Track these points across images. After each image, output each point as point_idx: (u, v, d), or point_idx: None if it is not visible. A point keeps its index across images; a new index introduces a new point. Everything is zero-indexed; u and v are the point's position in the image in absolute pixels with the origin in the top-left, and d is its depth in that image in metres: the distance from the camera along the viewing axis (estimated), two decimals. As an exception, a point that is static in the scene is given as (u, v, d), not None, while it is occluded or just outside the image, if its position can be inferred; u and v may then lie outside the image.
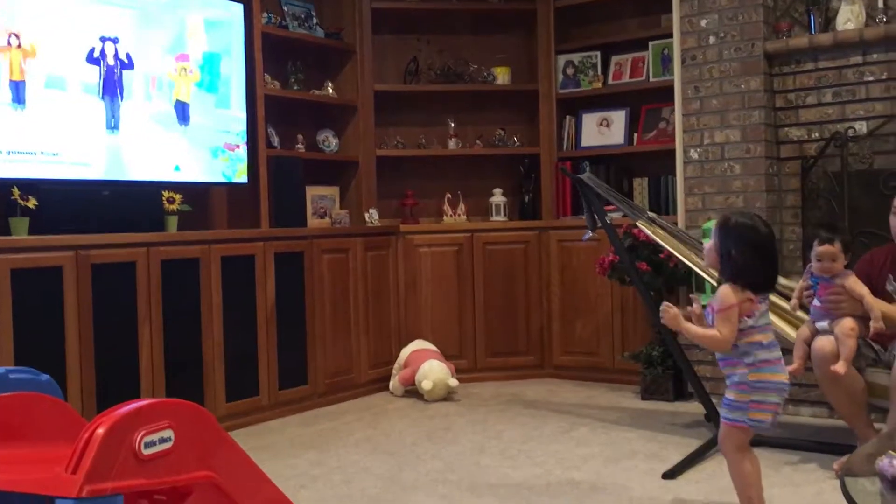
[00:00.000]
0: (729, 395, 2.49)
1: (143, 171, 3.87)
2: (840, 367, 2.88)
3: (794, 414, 3.90)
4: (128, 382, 3.51)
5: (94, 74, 3.65)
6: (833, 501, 2.64)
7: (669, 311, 2.51)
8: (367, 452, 3.51)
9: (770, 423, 2.47)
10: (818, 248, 2.97)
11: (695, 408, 4.02)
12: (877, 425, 3.12)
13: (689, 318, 2.59)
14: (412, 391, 4.55)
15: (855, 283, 2.95)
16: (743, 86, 4.14)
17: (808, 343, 3.06)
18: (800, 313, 3.28)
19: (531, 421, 3.98)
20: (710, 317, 2.50)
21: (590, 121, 5.21)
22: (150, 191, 3.92)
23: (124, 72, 3.75)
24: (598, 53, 5.15)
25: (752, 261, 2.42)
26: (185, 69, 4.01)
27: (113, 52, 3.71)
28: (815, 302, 3.03)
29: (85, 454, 1.28)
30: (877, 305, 2.91)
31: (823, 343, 3.01)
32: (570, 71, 5.22)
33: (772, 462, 3.14)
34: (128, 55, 3.77)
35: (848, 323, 2.93)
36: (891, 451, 1.82)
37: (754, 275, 2.43)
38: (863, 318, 2.96)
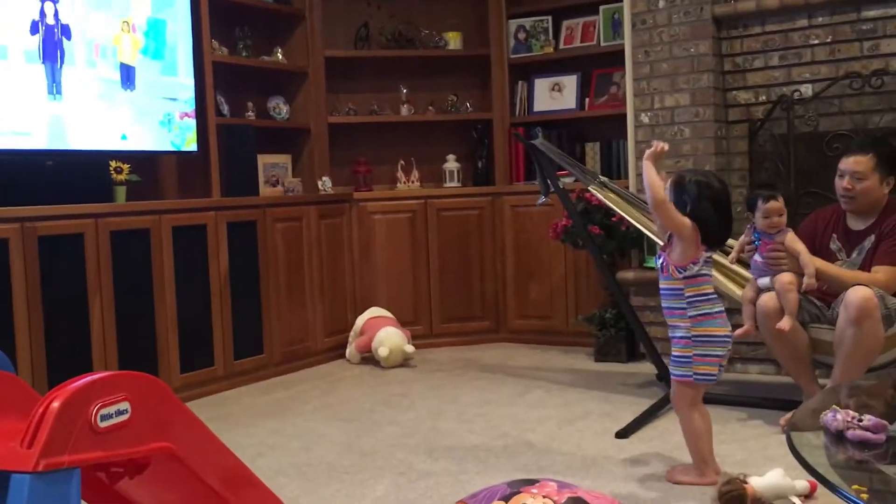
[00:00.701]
0: (675, 350, 2.58)
1: (89, 141, 3.78)
2: (785, 322, 2.97)
3: (742, 372, 4.00)
4: (79, 356, 3.47)
5: (33, 38, 3.54)
6: (779, 455, 2.72)
7: (658, 146, 2.55)
8: (325, 420, 3.52)
9: (716, 375, 2.55)
10: (765, 206, 3.04)
11: (647, 368, 4.10)
12: (822, 381, 3.21)
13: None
14: (368, 358, 4.57)
15: (793, 240, 3.04)
16: (692, 50, 4.18)
17: (754, 303, 3.13)
18: (737, 267, 3.36)
19: (487, 385, 4.02)
20: (659, 260, 2.57)
21: (542, 86, 5.22)
22: (96, 161, 3.84)
23: (64, 39, 3.65)
24: (550, 18, 5.15)
25: (707, 214, 2.50)
26: (129, 23, 3.90)
27: (53, 13, 3.60)
28: (756, 257, 3.11)
29: (40, 428, 1.27)
30: (811, 262, 2.99)
31: (767, 300, 3.09)
32: (521, 36, 5.21)
33: (720, 418, 3.22)
34: (67, 23, 3.66)
35: (786, 277, 3.01)
36: (834, 406, 1.89)
37: (709, 228, 2.50)
38: (802, 274, 3.05)
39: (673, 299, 2.57)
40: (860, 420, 1.81)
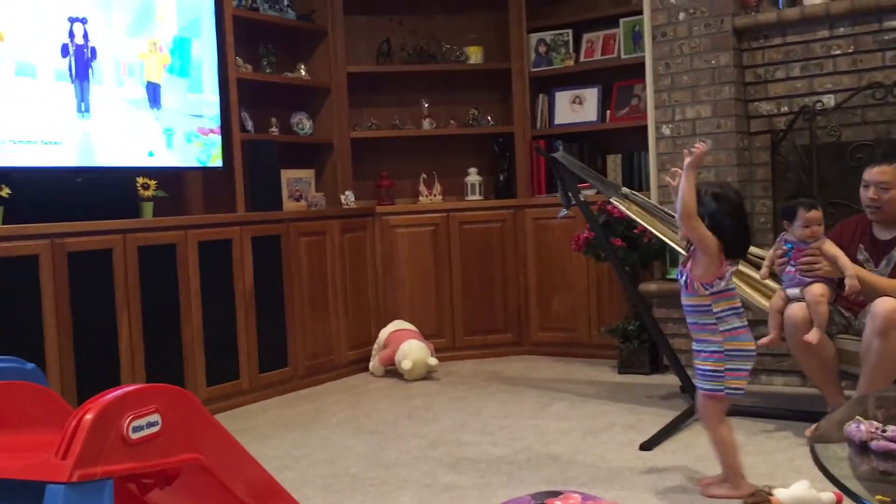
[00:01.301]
0: (704, 364, 2.56)
1: (117, 158, 3.85)
2: (813, 335, 2.95)
3: (767, 383, 3.98)
4: (108, 369, 3.52)
5: (64, 58, 3.61)
6: (805, 468, 2.71)
7: (701, 149, 2.51)
8: (350, 432, 3.54)
9: (744, 391, 2.56)
10: (807, 215, 3.03)
11: (670, 380, 4.09)
12: (848, 392, 3.19)
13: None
14: (392, 371, 4.59)
15: (830, 246, 3.03)
16: (713, 61, 4.18)
17: (782, 313, 3.12)
18: (769, 282, 3.35)
19: (510, 397, 4.03)
20: (682, 278, 2.57)
21: (563, 99, 5.24)
22: (124, 177, 3.91)
23: (92, 57, 3.72)
24: (570, 31, 5.17)
25: (725, 227, 2.50)
26: (156, 44, 3.97)
27: (82, 33, 3.67)
28: (789, 268, 3.09)
29: (74, 439, 1.30)
30: (851, 265, 2.98)
31: (796, 311, 3.08)
32: (542, 49, 5.24)
33: (746, 430, 3.21)
34: (95, 44, 3.73)
35: (817, 289, 3.00)
36: (858, 417, 1.88)
37: (727, 240, 2.51)
38: (833, 283, 3.03)
39: (701, 315, 2.57)
40: (884, 431, 1.80)
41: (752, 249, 3.55)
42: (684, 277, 2.58)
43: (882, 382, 2.88)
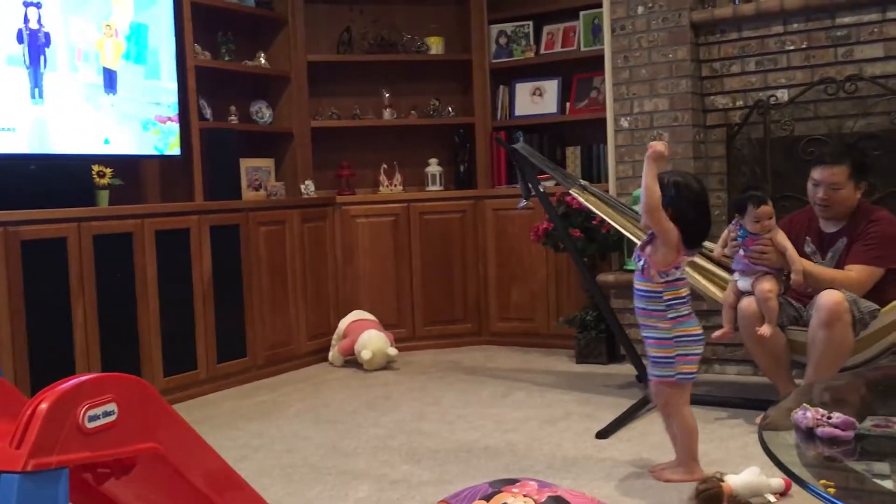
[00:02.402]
0: (655, 352, 2.61)
1: (72, 145, 3.79)
2: (765, 329, 3.02)
3: (720, 372, 4.05)
4: (62, 360, 3.47)
5: (20, 44, 3.55)
6: (757, 454, 2.75)
7: (659, 146, 2.55)
8: (308, 422, 3.54)
9: (696, 373, 2.61)
10: (756, 210, 3.06)
11: (627, 370, 4.15)
12: (798, 381, 3.27)
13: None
14: (351, 361, 4.59)
15: (782, 238, 3.07)
16: (671, 55, 4.23)
17: (735, 308, 3.17)
18: (717, 269, 3.40)
19: (469, 387, 4.06)
20: (639, 261, 2.60)
21: (523, 90, 5.27)
22: (79, 165, 3.85)
23: (46, 42, 3.65)
24: (531, 23, 5.20)
25: (686, 215, 2.54)
26: (111, 27, 3.91)
27: (36, 18, 3.61)
28: (741, 252, 3.13)
29: (29, 429, 1.29)
30: (798, 259, 3.05)
31: (749, 304, 3.14)
32: (502, 41, 5.26)
33: (699, 418, 3.23)
34: (48, 33, 3.67)
35: (765, 285, 3.06)
36: (805, 404, 1.93)
37: (688, 228, 2.54)
38: (781, 276, 3.10)
39: (650, 301, 2.61)
40: (829, 418, 1.86)
41: (706, 243, 3.62)
42: (641, 262, 2.61)
43: (827, 372, 2.96)
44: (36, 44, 3.62)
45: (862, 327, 2.99)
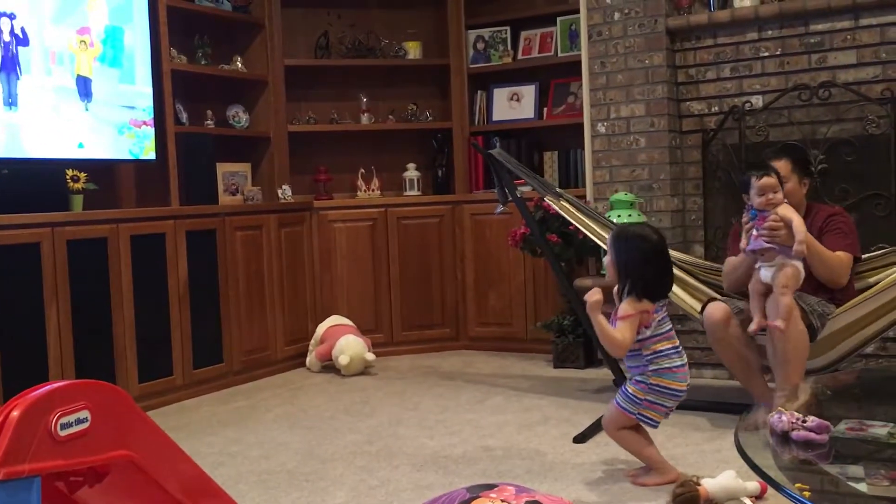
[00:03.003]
0: (629, 387, 2.65)
1: (45, 149, 3.75)
2: (780, 323, 2.90)
3: (696, 376, 4.07)
4: (35, 366, 3.43)
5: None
6: (732, 458, 2.77)
7: (594, 297, 2.57)
8: (285, 428, 3.52)
9: (658, 423, 2.63)
10: (758, 183, 2.96)
11: (604, 374, 4.16)
12: (771, 384, 3.29)
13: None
14: (329, 367, 4.58)
15: (787, 210, 2.97)
16: (647, 61, 4.26)
17: (763, 295, 3.04)
18: (697, 283, 3.41)
19: (447, 392, 4.06)
20: (614, 324, 2.62)
21: (500, 95, 5.28)
22: (52, 169, 3.81)
23: (20, 47, 3.61)
24: (508, 29, 5.21)
25: (645, 270, 2.58)
26: (86, 42, 3.89)
27: (9, 29, 3.57)
28: (754, 232, 3.02)
29: (0, 437, 1.27)
30: (803, 229, 2.93)
31: (714, 310, 3.15)
32: (480, 46, 5.27)
33: (675, 423, 3.28)
34: (23, 30, 3.63)
35: (782, 280, 2.94)
36: (780, 408, 1.95)
37: (648, 283, 2.58)
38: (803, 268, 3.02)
39: (633, 359, 2.64)
40: (804, 421, 1.87)
41: (684, 257, 3.64)
42: (614, 324, 2.62)
43: (794, 370, 2.97)
44: (9, 48, 3.58)
45: (820, 324, 3.02)
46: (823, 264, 3.09)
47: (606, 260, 2.67)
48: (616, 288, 2.66)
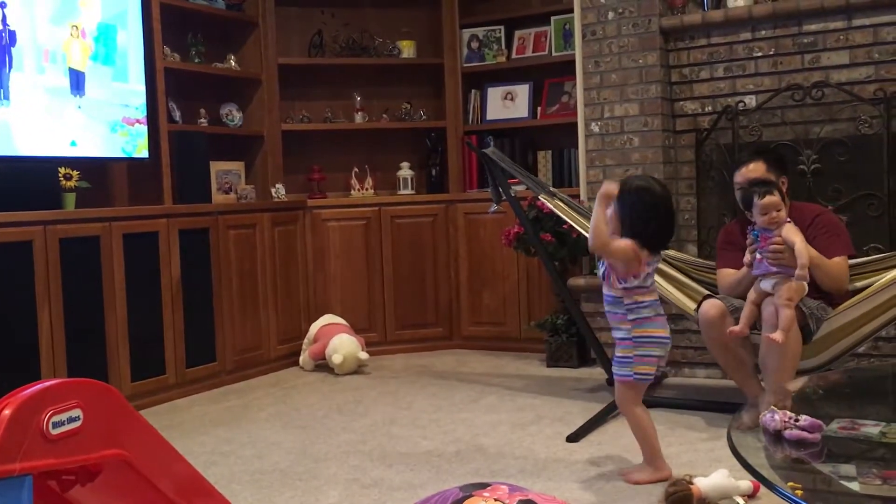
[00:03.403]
0: (617, 352, 2.68)
1: (38, 147, 3.74)
2: (777, 335, 2.90)
3: (689, 375, 4.09)
4: (27, 365, 3.42)
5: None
6: (725, 457, 2.78)
7: (609, 186, 2.59)
8: (278, 427, 3.52)
9: (654, 375, 2.64)
10: (761, 202, 2.94)
11: (597, 373, 4.17)
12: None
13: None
14: (322, 366, 4.57)
15: (789, 232, 2.94)
16: (641, 61, 4.26)
17: (757, 305, 3.05)
18: (690, 282, 3.43)
19: (441, 391, 4.05)
20: (601, 268, 2.66)
21: (494, 94, 5.28)
22: (45, 167, 3.80)
23: (11, 43, 3.60)
24: (502, 28, 5.21)
25: (648, 219, 2.56)
26: (78, 28, 3.87)
27: (1, 18, 3.55)
28: (758, 254, 3.01)
29: (-8, 435, 1.27)
30: (805, 253, 2.90)
31: (708, 308, 3.16)
32: (474, 45, 5.27)
33: (668, 421, 3.29)
34: (13, 33, 3.61)
35: (785, 294, 2.93)
36: (773, 406, 1.95)
37: (650, 232, 2.57)
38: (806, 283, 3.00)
39: (613, 305, 2.67)
40: (797, 420, 1.88)
41: (678, 255, 3.65)
42: (602, 269, 2.68)
43: (787, 373, 2.98)
44: (0, 44, 3.56)
45: (815, 326, 3.03)
46: (828, 276, 3.09)
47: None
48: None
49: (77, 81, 3.89)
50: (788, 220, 2.99)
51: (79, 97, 3.89)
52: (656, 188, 2.62)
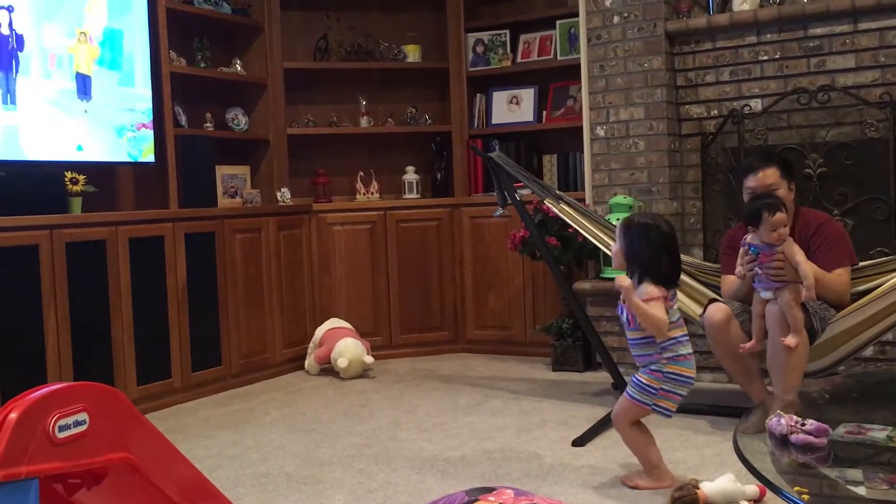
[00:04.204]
0: (642, 377, 2.62)
1: (44, 151, 3.75)
2: (790, 340, 2.90)
3: (695, 380, 4.06)
4: (34, 369, 3.42)
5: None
6: (731, 462, 2.78)
7: (626, 281, 2.55)
8: (284, 431, 3.52)
9: (672, 413, 2.62)
10: (773, 218, 2.90)
11: (603, 377, 4.16)
12: (770, 388, 3.29)
13: None
14: (328, 369, 4.57)
15: (793, 249, 2.93)
16: (646, 64, 4.26)
17: (762, 317, 3.04)
18: (698, 286, 3.42)
19: (446, 395, 4.05)
20: (624, 315, 2.62)
21: (500, 99, 5.28)
22: (51, 171, 3.81)
23: (18, 47, 3.61)
24: (507, 32, 5.21)
25: (657, 256, 2.56)
26: (85, 43, 3.89)
27: (7, 22, 3.56)
28: (758, 269, 2.99)
29: (-2, 439, 1.27)
30: (811, 273, 2.92)
31: (715, 311, 3.15)
32: (479, 49, 5.27)
33: (674, 425, 3.28)
34: (21, 33, 3.63)
35: (788, 296, 2.93)
36: (779, 411, 1.95)
37: (661, 269, 2.56)
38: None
39: (645, 347, 2.61)
40: (803, 425, 1.87)
41: (684, 258, 3.63)
42: (625, 315, 2.62)
43: (795, 376, 2.97)
44: (7, 49, 3.58)
45: (821, 326, 3.02)
46: (829, 290, 3.09)
47: (614, 248, 2.65)
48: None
49: (83, 86, 3.90)
50: (789, 237, 2.97)
51: (85, 102, 3.91)
52: (663, 226, 2.63)
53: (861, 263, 3.24)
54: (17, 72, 3.61)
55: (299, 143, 5.14)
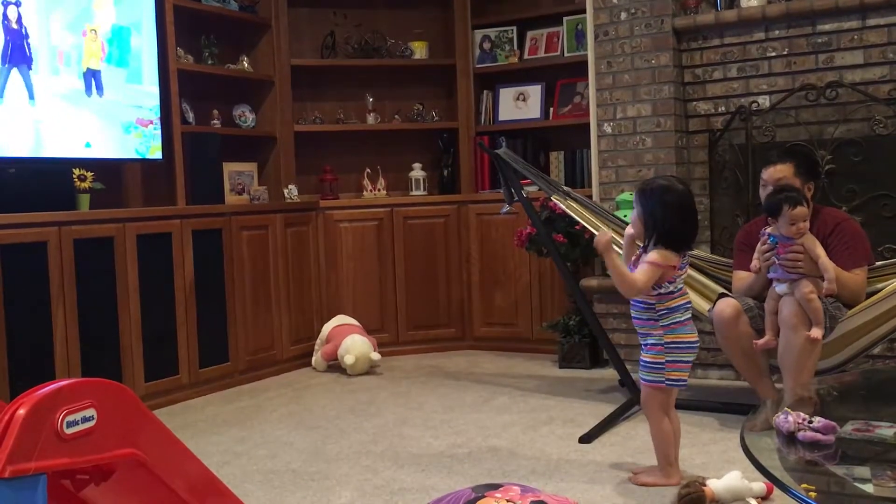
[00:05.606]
0: (645, 357, 2.62)
1: (52, 148, 3.76)
2: (816, 332, 2.91)
3: (702, 377, 4.07)
4: (42, 365, 3.44)
5: (-3, 47, 3.52)
6: (738, 459, 2.77)
7: (604, 237, 2.56)
8: (291, 427, 3.53)
9: (686, 380, 2.61)
10: (793, 212, 2.90)
11: (610, 374, 4.16)
12: (778, 385, 3.28)
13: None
14: (335, 366, 4.58)
15: (814, 244, 2.95)
16: (653, 61, 4.25)
17: (775, 313, 3.05)
18: (706, 280, 3.42)
19: (452, 392, 4.05)
20: (632, 268, 2.62)
21: (507, 95, 5.28)
22: (59, 168, 3.82)
23: (26, 44, 3.62)
24: (514, 28, 5.21)
25: (672, 219, 2.53)
26: (93, 40, 3.89)
27: (16, 18, 3.57)
28: (775, 259, 3.00)
29: (7, 434, 1.28)
30: (831, 266, 2.94)
31: (724, 307, 3.15)
32: (486, 46, 5.27)
33: (682, 422, 3.26)
34: (29, 30, 3.64)
35: (805, 287, 2.93)
36: (787, 408, 1.94)
37: (675, 233, 2.54)
38: (819, 278, 2.99)
39: (644, 311, 2.62)
40: (811, 422, 1.87)
41: (698, 253, 3.63)
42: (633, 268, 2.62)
43: (801, 374, 2.97)
44: (20, 43, 3.59)
45: (831, 324, 3.01)
46: (846, 289, 3.07)
47: (633, 215, 2.63)
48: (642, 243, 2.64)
49: (91, 84, 3.91)
50: (809, 232, 2.97)
51: (93, 99, 3.92)
52: (678, 186, 2.60)
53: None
54: (28, 68, 3.62)
55: (306, 140, 5.15)
